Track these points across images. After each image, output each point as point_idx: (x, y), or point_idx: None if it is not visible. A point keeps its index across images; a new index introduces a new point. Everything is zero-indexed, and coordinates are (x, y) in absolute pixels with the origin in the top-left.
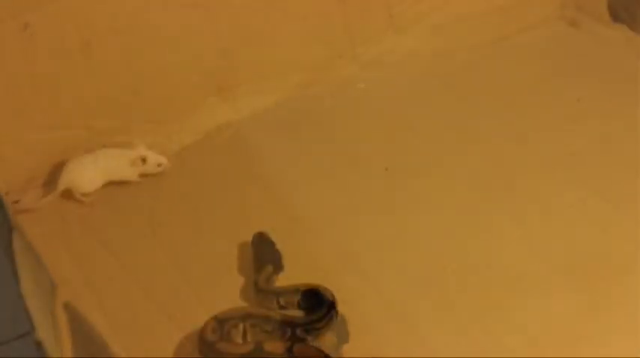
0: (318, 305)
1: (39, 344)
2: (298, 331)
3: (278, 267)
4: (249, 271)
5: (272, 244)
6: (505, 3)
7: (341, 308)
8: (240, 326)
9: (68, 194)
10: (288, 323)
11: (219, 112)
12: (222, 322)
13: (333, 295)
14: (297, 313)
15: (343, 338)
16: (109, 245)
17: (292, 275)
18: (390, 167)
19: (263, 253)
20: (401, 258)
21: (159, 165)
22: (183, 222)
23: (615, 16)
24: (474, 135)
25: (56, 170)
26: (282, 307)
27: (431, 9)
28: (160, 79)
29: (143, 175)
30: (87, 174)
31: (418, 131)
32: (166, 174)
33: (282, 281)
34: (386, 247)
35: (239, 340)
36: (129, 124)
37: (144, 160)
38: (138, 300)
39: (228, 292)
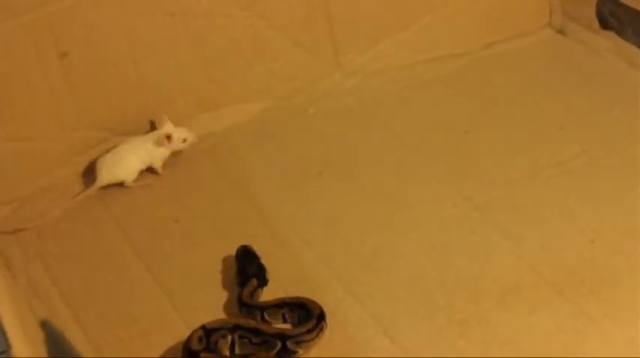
0: (304, 318)
1: None
2: (289, 343)
3: (263, 280)
4: (233, 285)
5: (256, 258)
6: (493, 10)
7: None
8: (229, 337)
9: (49, 204)
10: (278, 336)
11: (201, 123)
12: (209, 332)
13: (320, 307)
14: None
15: None
16: (85, 258)
17: (277, 289)
18: (376, 178)
19: (247, 267)
20: (387, 271)
21: (184, 140)
22: (162, 234)
23: (604, 23)
24: (461, 144)
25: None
26: (266, 322)
27: (416, 18)
28: (140, 91)
29: (173, 154)
30: (123, 164)
31: (404, 140)
32: (144, 186)
33: (266, 295)
34: (372, 260)
35: (226, 352)
36: (108, 136)
37: (169, 138)
38: (116, 316)
39: (211, 307)
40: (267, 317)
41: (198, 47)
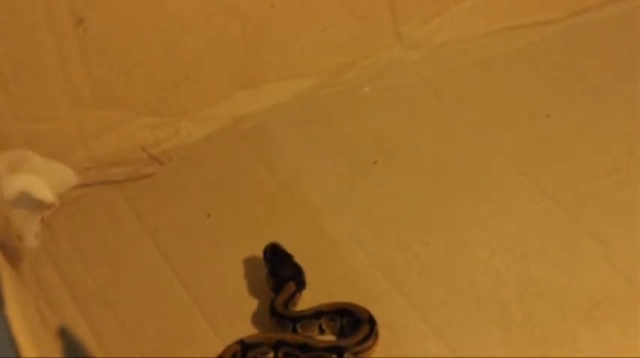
0: (351, 325)
1: None
2: (347, 356)
3: (301, 284)
4: (264, 289)
5: (289, 256)
6: None
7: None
8: (271, 354)
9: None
10: (332, 349)
11: (237, 103)
12: (247, 348)
13: (367, 310)
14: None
15: None
16: (102, 259)
17: (322, 296)
18: (441, 169)
19: (280, 268)
20: (454, 279)
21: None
22: (192, 231)
23: None
24: (543, 129)
25: None
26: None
27: (439, 29)
28: (167, 64)
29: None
30: None
31: (475, 125)
32: (167, 174)
33: (309, 301)
34: (436, 265)
35: None
36: (130, 117)
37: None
38: (138, 326)
39: (249, 316)
40: (299, 330)
41: (234, 14)
